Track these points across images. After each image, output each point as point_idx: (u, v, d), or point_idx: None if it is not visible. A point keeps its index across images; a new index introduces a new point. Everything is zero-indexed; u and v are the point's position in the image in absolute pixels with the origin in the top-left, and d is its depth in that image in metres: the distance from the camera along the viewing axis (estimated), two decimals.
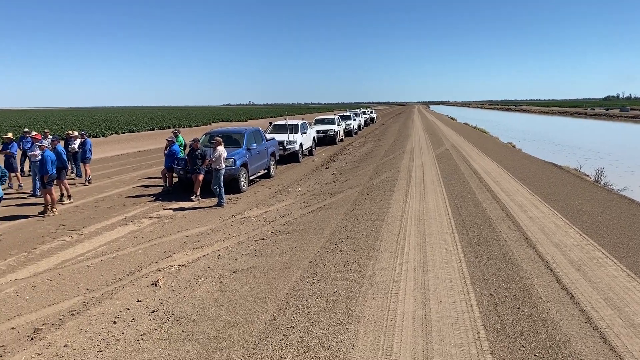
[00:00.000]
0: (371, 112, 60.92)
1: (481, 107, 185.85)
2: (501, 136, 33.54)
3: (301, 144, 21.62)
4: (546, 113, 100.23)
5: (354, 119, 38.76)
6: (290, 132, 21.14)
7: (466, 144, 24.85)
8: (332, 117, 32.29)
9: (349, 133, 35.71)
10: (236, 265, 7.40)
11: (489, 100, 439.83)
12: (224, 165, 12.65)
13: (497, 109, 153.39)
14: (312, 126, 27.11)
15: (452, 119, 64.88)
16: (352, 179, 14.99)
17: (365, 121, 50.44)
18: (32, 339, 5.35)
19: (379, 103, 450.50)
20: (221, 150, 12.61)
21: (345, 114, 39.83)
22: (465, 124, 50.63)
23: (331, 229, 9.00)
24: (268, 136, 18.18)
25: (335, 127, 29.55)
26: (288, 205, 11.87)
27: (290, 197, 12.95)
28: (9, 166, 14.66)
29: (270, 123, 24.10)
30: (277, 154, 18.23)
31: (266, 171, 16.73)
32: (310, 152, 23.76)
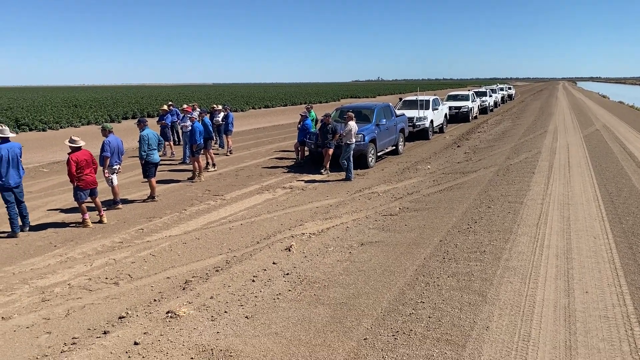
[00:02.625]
0: (509, 88, 56.96)
1: None
2: None
3: (432, 121, 21.00)
4: None
5: (490, 96, 36.57)
6: (421, 108, 20.62)
7: (621, 125, 22.14)
8: (465, 93, 30.79)
9: (483, 110, 33.84)
10: (364, 238, 7.50)
11: None
12: (353, 140, 12.78)
13: None
14: (444, 102, 26.15)
15: (604, 96, 58.12)
16: (486, 159, 14.24)
17: (502, 98, 47.34)
18: (183, 288, 5.98)
19: (517, 79, 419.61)
20: (352, 125, 12.74)
21: (480, 89, 37.76)
22: (620, 102, 45.05)
23: (463, 208, 8.67)
24: (398, 112, 17.94)
25: (469, 104, 28.16)
26: (416, 183, 11.67)
27: (418, 175, 12.72)
28: (164, 135, 16.35)
29: (400, 99, 23.71)
30: (407, 131, 17.93)
31: (394, 147, 16.58)
32: (440, 130, 23.00)
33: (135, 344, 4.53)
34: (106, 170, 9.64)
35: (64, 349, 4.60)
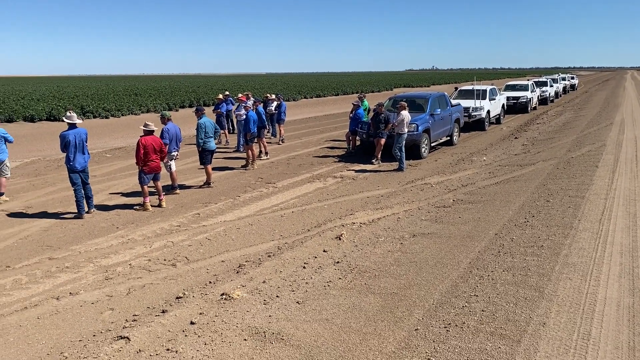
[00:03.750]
0: (572, 77, 54.26)
1: None
2: None
3: (488, 111, 20.37)
4: None
5: (551, 86, 34.97)
6: (478, 98, 20.04)
7: None
8: (524, 82, 29.61)
9: (543, 101, 32.43)
10: (416, 229, 7.41)
11: None
12: (406, 130, 12.62)
13: None
14: (502, 92, 25.26)
15: None
16: (545, 151, 13.69)
17: (564, 88, 45.17)
18: (237, 272, 6.14)
19: (580, 68, 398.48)
20: (405, 114, 12.57)
21: (540, 79, 36.18)
22: None
23: (520, 202, 8.39)
24: (453, 102, 17.52)
25: (527, 94, 27.07)
26: (471, 175, 11.39)
27: (473, 166, 12.40)
28: (219, 124, 16.73)
29: (456, 88, 23.12)
30: (462, 121, 17.50)
31: (449, 138, 16.23)
32: (497, 120, 22.28)
33: (192, 323, 4.70)
34: (165, 157, 10.01)
35: (125, 325, 4.85)
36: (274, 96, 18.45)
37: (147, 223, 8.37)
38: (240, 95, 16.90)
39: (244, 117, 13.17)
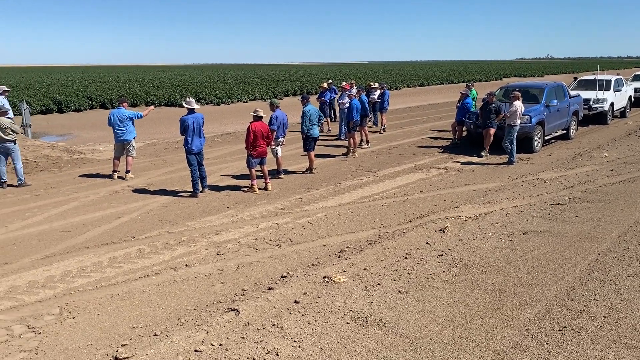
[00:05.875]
0: None
1: None
2: None
3: (612, 104, 18.55)
4: None
5: None
6: (600, 89, 18.33)
7: None
8: None
9: None
10: (527, 227, 7.00)
11: None
12: (518, 122, 11.90)
13: None
14: (629, 83, 22.88)
15: None
16: None
17: None
18: (338, 257, 6.23)
19: None
20: (518, 105, 11.85)
21: None
22: None
23: None
24: (572, 93, 16.19)
25: None
26: (590, 172, 10.49)
27: (593, 163, 11.41)
28: (322, 112, 17.00)
29: (575, 78, 21.34)
30: (580, 114, 16.13)
31: (565, 132, 15.05)
32: (622, 114, 20.23)
33: (296, 302, 4.87)
34: (272, 143, 10.38)
35: (235, 298, 5.14)
36: (377, 85, 18.33)
37: (254, 204, 8.77)
38: (344, 83, 17.02)
39: (347, 105, 13.24)
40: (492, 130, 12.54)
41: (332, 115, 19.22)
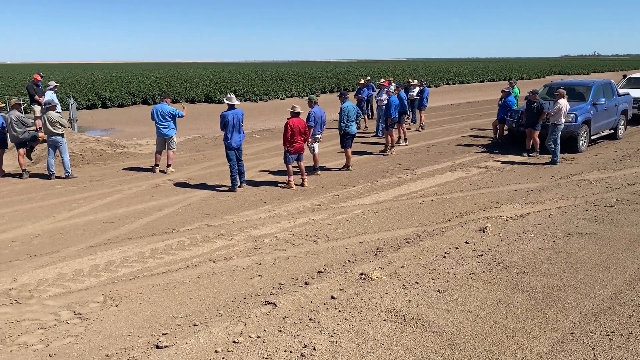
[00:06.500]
0: None
1: None
2: None
3: None
4: None
5: None
6: None
7: None
8: None
9: None
10: (571, 228, 6.78)
11: None
12: (563, 121, 11.52)
13: None
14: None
15: None
16: None
17: None
18: (375, 254, 6.19)
19: None
20: (562, 103, 11.46)
21: None
22: None
23: None
24: (620, 91, 15.55)
25: None
26: None
27: None
28: (359, 109, 16.91)
29: (624, 76, 20.48)
30: (630, 113, 15.47)
31: (612, 131, 14.47)
32: None
33: (332, 297, 4.87)
34: (309, 139, 10.40)
35: (272, 291, 5.19)
36: (416, 81, 18.11)
37: (291, 200, 8.82)
38: (382, 80, 16.87)
39: (385, 102, 13.14)
40: (537, 132, 12.19)
41: (369, 113, 19.11)
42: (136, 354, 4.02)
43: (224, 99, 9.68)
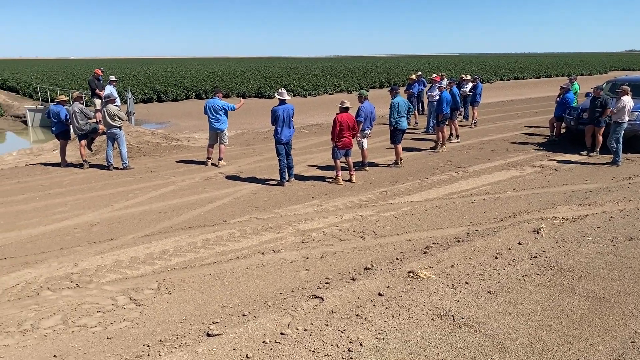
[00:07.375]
0: None
1: None
2: None
3: None
4: None
5: None
6: None
7: None
8: None
9: None
10: (634, 232, 6.43)
11: None
12: (626, 119, 10.93)
13: None
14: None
15: None
16: None
17: None
18: (424, 252, 6.11)
19: None
20: (626, 100, 10.87)
21: None
22: None
23: None
24: None
25: None
26: None
27: None
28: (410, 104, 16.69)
29: None
30: None
31: None
32: None
33: (380, 294, 4.84)
34: (358, 134, 10.36)
35: (319, 286, 5.22)
36: (469, 77, 17.67)
37: (338, 195, 8.83)
38: (434, 75, 16.58)
39: (437, 97, 12.89)
40: (601, 130, 11.62)
41: (420, 108, 18.83)
42: (188, 340, 4.15)
43: (276, 94, 9.79)
